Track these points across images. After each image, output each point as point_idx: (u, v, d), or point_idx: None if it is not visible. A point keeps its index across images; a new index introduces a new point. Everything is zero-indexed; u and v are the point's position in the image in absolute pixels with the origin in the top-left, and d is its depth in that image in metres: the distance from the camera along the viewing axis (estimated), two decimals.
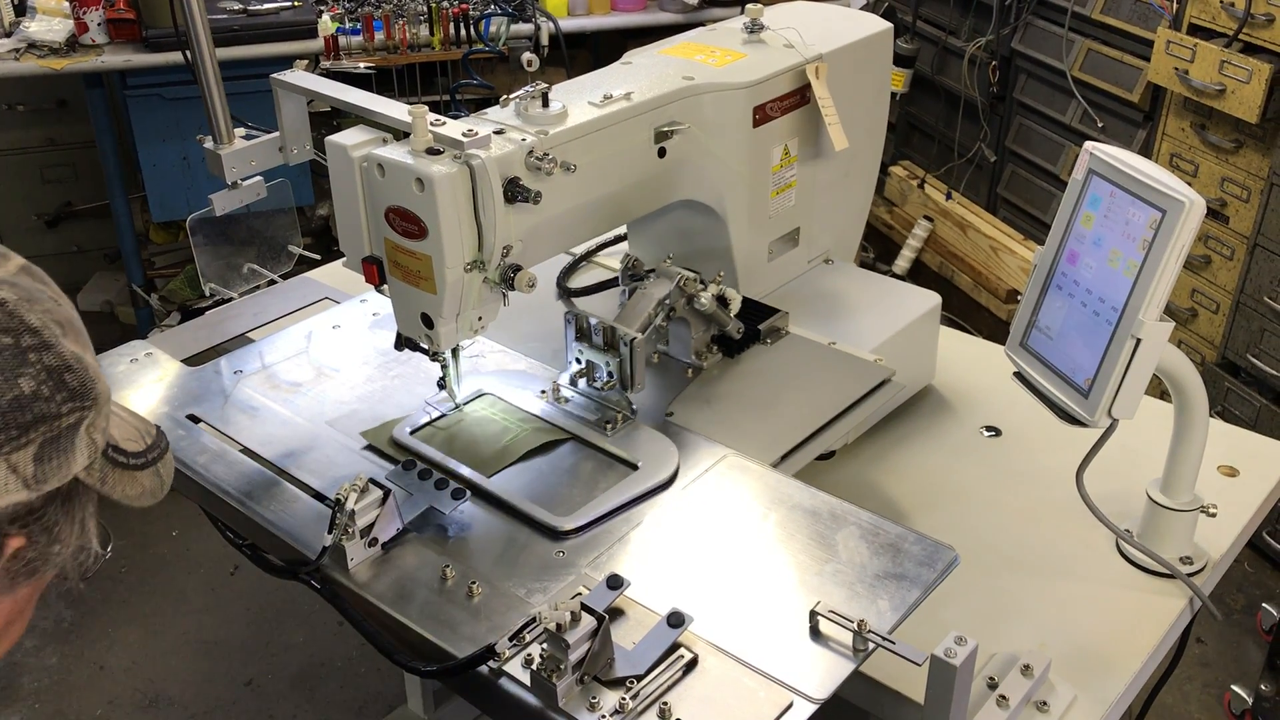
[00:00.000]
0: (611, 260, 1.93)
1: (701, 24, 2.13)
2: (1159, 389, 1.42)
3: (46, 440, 0.77)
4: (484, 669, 1.13)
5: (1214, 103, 2.91)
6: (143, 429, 0.92)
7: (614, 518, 1.33)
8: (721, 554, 1.28)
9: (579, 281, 1.88)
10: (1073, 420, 1.34)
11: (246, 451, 1.48)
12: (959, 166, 4.15)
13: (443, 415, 1.51)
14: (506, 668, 1.12)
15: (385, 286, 1.41)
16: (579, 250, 1.95)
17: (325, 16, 3.57)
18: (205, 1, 1.70)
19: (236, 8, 3.52)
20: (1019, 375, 1.43)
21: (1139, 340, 1.25)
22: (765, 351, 1.63)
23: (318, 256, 2.00)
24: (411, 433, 1.48)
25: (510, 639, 1.14)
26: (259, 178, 1.75)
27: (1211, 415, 1.45)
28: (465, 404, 1.53)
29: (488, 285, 1.36)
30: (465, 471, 1.40)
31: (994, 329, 3.69)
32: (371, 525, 1.28)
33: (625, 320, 1.48)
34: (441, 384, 1.48)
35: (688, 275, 1.51)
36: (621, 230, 1.92)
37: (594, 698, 1.09)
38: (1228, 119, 2.94)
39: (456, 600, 1.23)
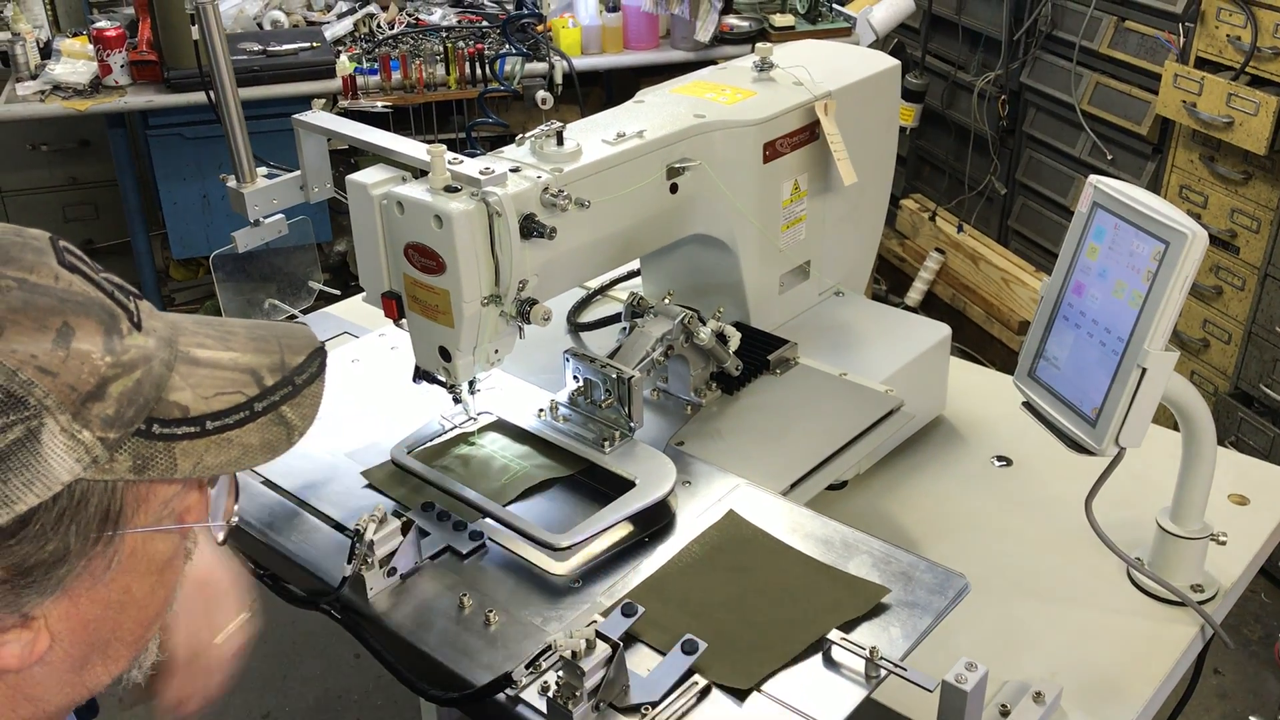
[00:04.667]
0: (625, 295, 1.96)
1: (712, 62, 2.17)
2: (1169, 419, 1.43)
3: None
4: (501, 697, 1.15)
5: (1222, 135, 2.93)
6: (260, 366, 0.80)
7: (613, 553, 1.34)
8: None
9: (592, 315, 1.91)
10: (1081, 449, 1.36)
11: (267, 483, 1.50)
12: (970, 199, 4.18)
13: (445, 432, 1.53)
14: (524, 695, 1.14)
15: (404, 321, 1.44)
16: (593, 285, 1.98)
17: (343, 57, 3.64)
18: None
19: (256, 49, 3.58)
20: (1028, 405, 1.45)
21: (1145, 370, 1.27)
22: (775, 382, 1.66)
23: (337, 292, 2.04)
24: (409, 452, 1.49)
25: (527, 666, 1.16)
26: (280, 215, 1.78)
27: (1225, 446, 1.47)
28: (474, 432, 1.55)
29: (504, 319, 1.38)
30: (467, 494, 1.41)
31: (1006, 360, 3.70)
32: (391, 555, 1.30)
33: (624, 358, 1.50)
34: (457, 399, 1.50)
35: (687, 313, 1.53)
36: (635, 265, 1.95)
37: None
38: (1236, 151, 2.96)
39: (474, 629, 1.25)
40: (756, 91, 1.69)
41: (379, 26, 3.94)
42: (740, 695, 1.14)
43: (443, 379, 1.44)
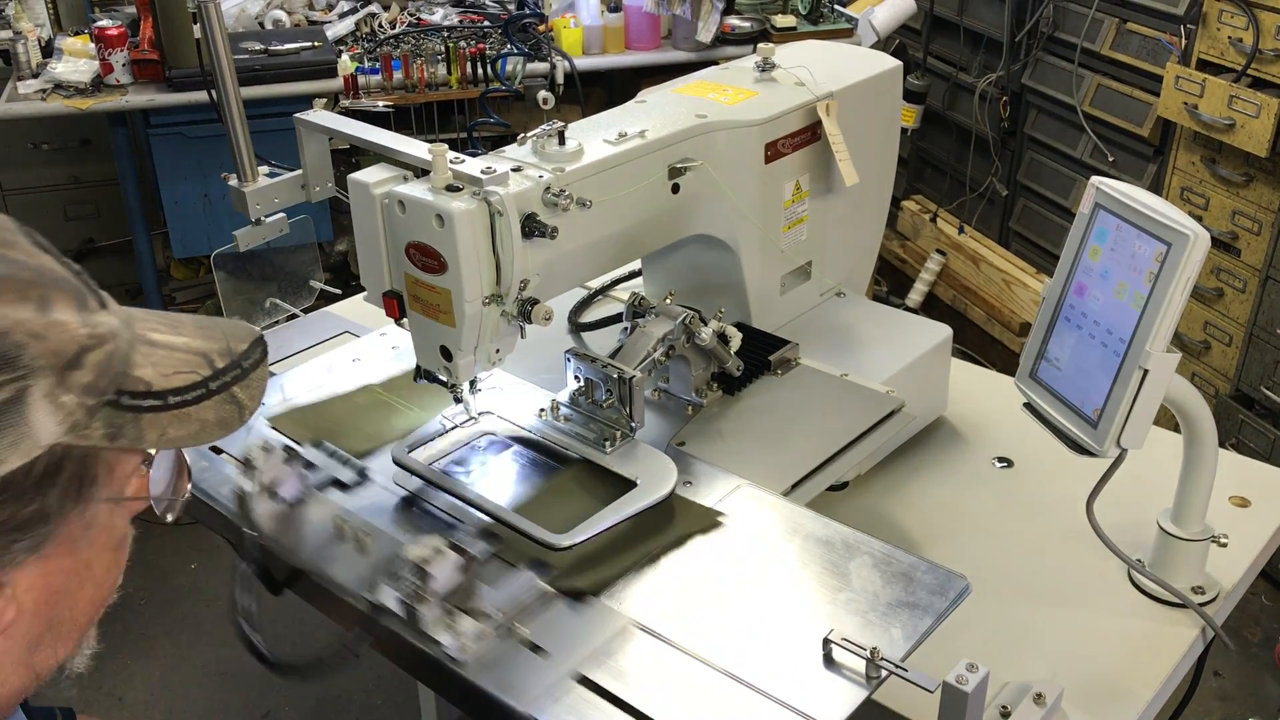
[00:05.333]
0: (626, 295, 1.96)
1: (714, 63, 2.17)
2: (1170, 421, 1.43)
3: None
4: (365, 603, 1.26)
5: (1224, 137, 2.93)
6: (211, 350, 0.85)
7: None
8: (736, 582, 1.30)
9: (594, 315, 1.91)
10: (1082, 450, 1.36)
11: None
12: (971, 200, 4.18)
13: (446, 431, 1.53)
14: (388, 604, 1.24)
15: (405, 320, 1.44)
16: (594, 284, 1.98)
17: (345, 56, 3.64)
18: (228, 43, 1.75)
19: (258, 48, 3.58)
20: (1029, 406, 1.45)
21: (1146, 371, 1.27)
22: (776, 383, 1.65)
23: (338, 291, 2.04)
24: (410, 450, 1.49)
25: (383, 574, 1.26)
26: (282, 214, 1.78)
27: (1226, 448, 1.47)
28: (475, 418, 1.55)
29: (505, 318, 1.38)
30: (469, 493, 1.41)
31: (1007, 362, 3.70)
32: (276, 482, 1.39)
33: (625, 358, 1.50)
34: (458, 398, 1.51)
35: (688, 313, 1.54)
36: (636, 265, 1.95)
37: (456, 625, 1.22)
38: (1238, 153, 2.96)
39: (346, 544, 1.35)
40: (758, 92, 1.69)
41: (380, 26, 3.94)
42: (580, 596, 1.28)
43: (444, 378, 1.44)
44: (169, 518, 0.91)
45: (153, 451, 0.87)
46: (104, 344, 0.77)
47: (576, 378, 1.53)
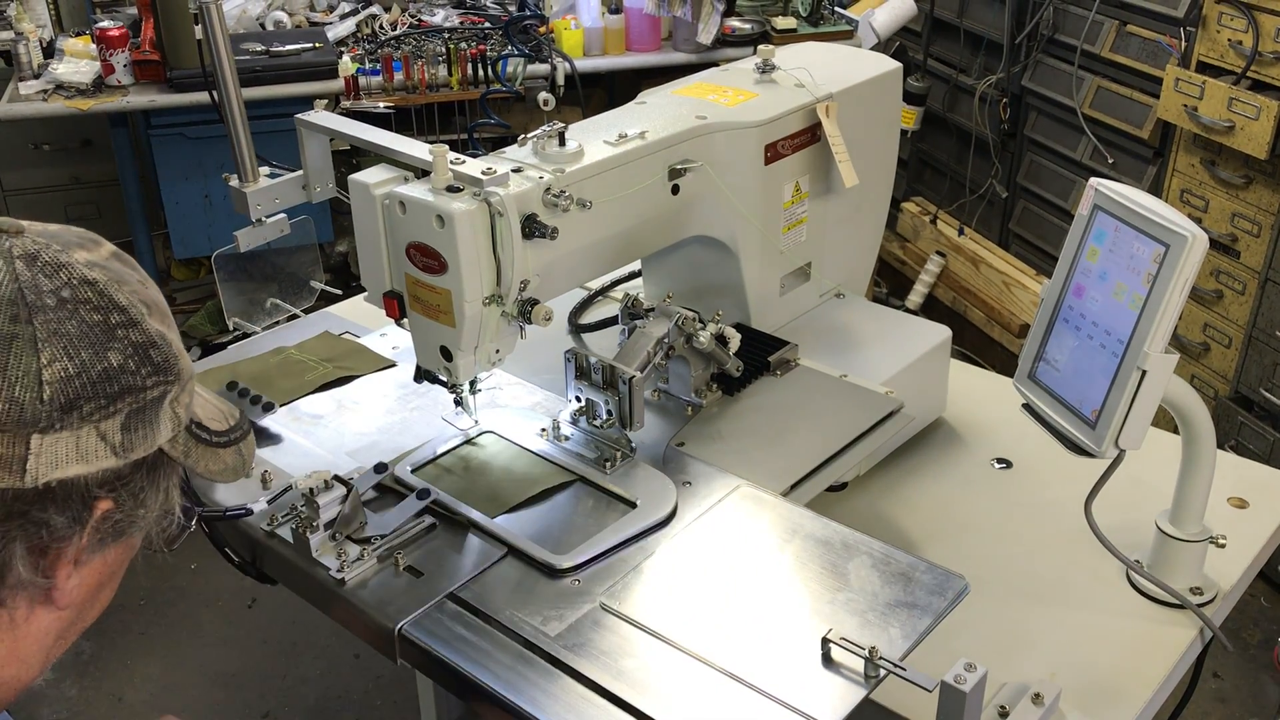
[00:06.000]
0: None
1: (714, 64, 2.17)
2: (1169, 422, 1.43)
3: (133, 411, 0.83)
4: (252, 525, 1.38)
5: (1223, 139, 2.94)
6: (226, 411, 0.98)
7: (614, 555, 1.35)
8: (735, 582, 1.30)
9: (594, 316, 1.91)
10: (1080, 451, 1.36)
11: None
12: (971, 202, 4.19)
13: (450, 451, 1.54)
14: (278, 531, 1.37)
15: (405, 320, 1.44)
16: (594, 285, 1.98)
17: (346, 57, 3.64)
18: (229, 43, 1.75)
19: (259, 49, 3.59)
20: (1027, 407, 1.45)
21: (1144, 372, 1.27)
22: (775, 383, 1.66)
23: (339, 292, 2.04)
24: (413, 471, 1.49)
25: (270, 501, 1.40)
26: (282, 215, 1.79)
27: (1225, 449, 1.47)
28: (474, 438, 1.56)
29: (505, 319, 1.39)
30: (470, 512, 1.41)
31: (1007, 363, 3.70)
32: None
33: (624, 359, 1.50)
34: (458, 401, 1.51)
35: (686, 314, 1.54)
36: (636, 266, 1.95)
37: (343, 551, 1.33)
38: (1237, 155, 2.96)
39: None
40: (758, 93, 1.70)
41: (381, 27, 3.95)
42: (465, 528, 1.39)
43: (444, 379, 1.45)
44: (173, 547, 0.98)
45: None
46: (194, 376, 0.91)
47: (577, 398, 1.53)
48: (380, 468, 1.44)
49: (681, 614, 1.25)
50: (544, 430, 1.55)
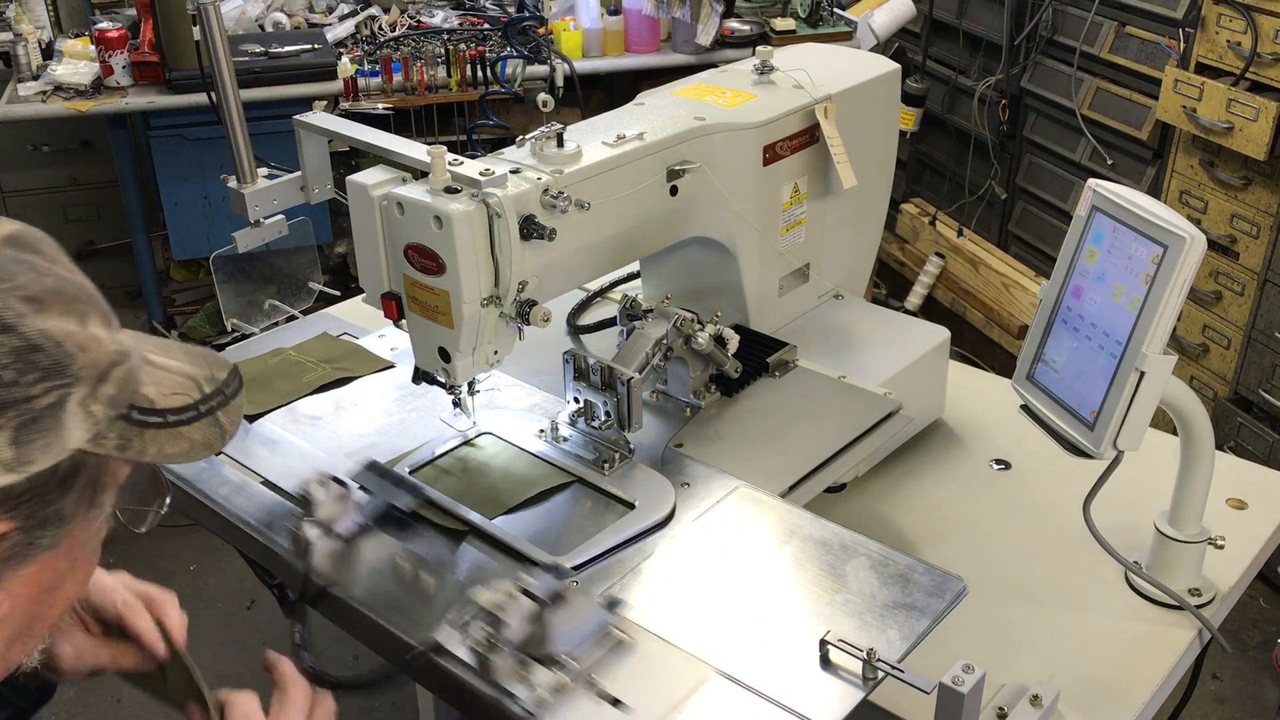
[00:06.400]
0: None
1: (713, 65, 2.17)
2: (1167, 423, 1.43)
3: (23, 423, 0.75)
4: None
5: (1222, 140, 2.94)
6: (199, 376, 0.89)
7: (612, 556, 1.35)
8: (733, 583, 1.30)
9: (592, 317, 1.91)
10: (1079, 452, 1.36)
11: (267, 483, 1.51)
12: (970, 204, 4.19)
13: (448, 452, 1.53)
14: (458, 653, 1.19)
15: (404, 321, 1.44)
16: (593, 286, 1.98)
17: (345, 59, 3.65)
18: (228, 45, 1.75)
19: (258, 50, 3.59)
20: (1026, 408, 1.45)
21: (1143, 373, 1.27)
22: (774, 384, 1.66)
23: (337, 293, 2.04)
24: (411, 472, 1.49)
25: (451, 621, 1.22)
26: (280, 216, 1.79)
27: (1224, 451, 1.47)
28: (473, 439, 1.56)
29: (503, 320, 1.39)
30: (468, 514, 1.41)
31: (1006, 365, 3.70)
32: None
33: (623, 360, 1.50)
34: (456, 402, 1.51)
35: (685, 316, 1.53)
36: (634, 267, 1.95)
37: (530, 674, 1.15)
38: (1236, 156, 2.96)
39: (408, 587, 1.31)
40: (757, 94, 1.70)
41: (380, 29, 3.95)
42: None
43: (442, 380, 1.45)
44: (141, 529, 0.96)
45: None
46: (125, 360, 0.83)
47: (576, 399, 1.53)
48: (561, 573, 1.28)
49: (680, 615, 1.25)
50: (542, 431, 1.55)
